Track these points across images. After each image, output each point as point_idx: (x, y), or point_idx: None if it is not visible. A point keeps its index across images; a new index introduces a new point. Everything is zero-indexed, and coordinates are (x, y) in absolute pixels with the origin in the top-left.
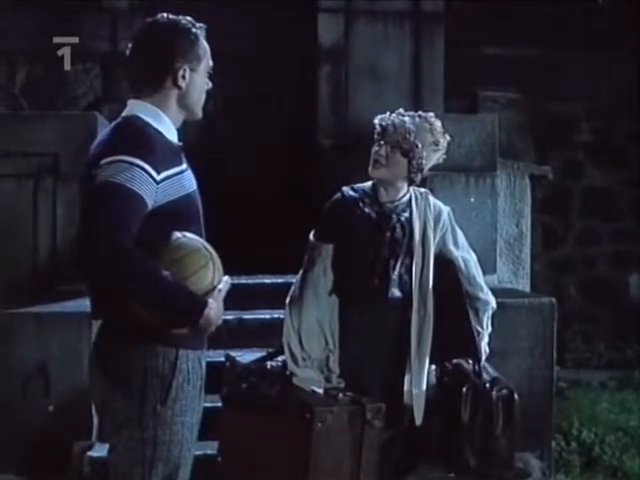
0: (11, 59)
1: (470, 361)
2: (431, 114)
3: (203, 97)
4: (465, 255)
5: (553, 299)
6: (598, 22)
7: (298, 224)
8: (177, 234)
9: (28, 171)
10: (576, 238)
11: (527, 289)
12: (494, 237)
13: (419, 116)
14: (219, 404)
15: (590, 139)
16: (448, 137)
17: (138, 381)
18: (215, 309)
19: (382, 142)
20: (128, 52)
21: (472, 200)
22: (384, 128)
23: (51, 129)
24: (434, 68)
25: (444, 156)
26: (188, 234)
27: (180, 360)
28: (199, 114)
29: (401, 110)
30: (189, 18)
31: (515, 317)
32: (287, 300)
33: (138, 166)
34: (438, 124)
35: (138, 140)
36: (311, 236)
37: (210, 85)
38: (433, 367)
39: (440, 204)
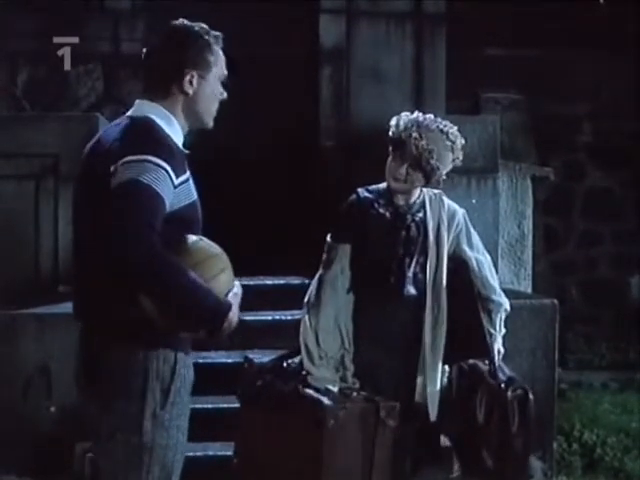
0: (13, 60)
1: (487, 362)
2: (451, 129)
3: (215, 106)
4: (479, 257)
5: (555, 300)
6: (600, 23)
7: (299, 225)
8: (194, 237)
9: (29, 172)
10: (578, 239)
11: (529, 290)
12: (496, 238)
13: (441, 131)
14: (221, 405)
15: (592, 140)
16: (462, 141)
17: (138, 384)
18: (235, 312)
19: (402, 160)
20: (143, 55)
21: (474, 201)
22: (403, 142)
23: (52, 130)
24: (436, 69)
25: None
26: (204, 238)
27: (179, 364)
28: (209, 123)
29: (420, 116)
30: (204, 25)
31: (517, 318)
32: (305, 299)
33: (163, 168)
34: (459, 141)
35: (161, 142)
36: (328, 237)
37: (225, 95)
38: (447, 368)
39: (455, 205)
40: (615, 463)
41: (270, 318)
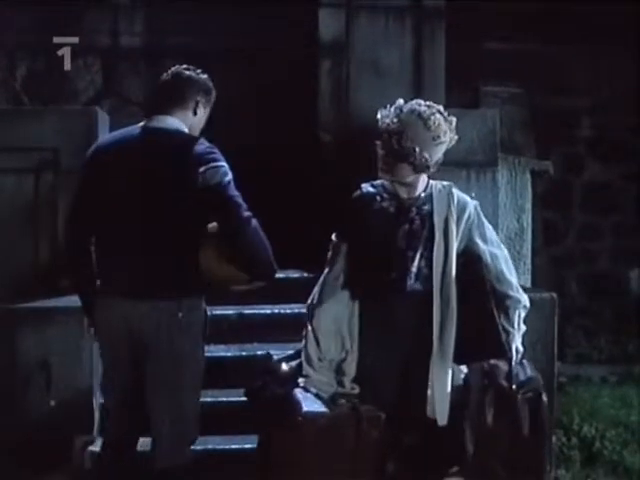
0: (12, 54)
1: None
2: (427, 108)
3: (200, 129)
4: (493, 250)
5: (554, 294)
6: (599, 17)
7: (298, 219)
8: None
9: (28, 166)
10: (577, 233)
11: (528, 284)
12: (495, 232)
13: (412, 111)
14: (221, 399)
15: (591, 134)
16: (453, 120)
17: (198, 327)
18: None
19: (382, 149)
20: (164, 82)
21: (473, 195)
22: (381, 132)
23: (51, 124)
24: (435, 63)
25: (454, 140)
26: None
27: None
28: None
29: (400, 102)
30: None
31: None
32: (308, 301)
33: (228, 169)
34: (434, 118)
35: (215, 149)
36: (333, 236)
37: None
38: (463, 368)
39: (466, 198)
40: (614, 457)
41: (270, 312)
